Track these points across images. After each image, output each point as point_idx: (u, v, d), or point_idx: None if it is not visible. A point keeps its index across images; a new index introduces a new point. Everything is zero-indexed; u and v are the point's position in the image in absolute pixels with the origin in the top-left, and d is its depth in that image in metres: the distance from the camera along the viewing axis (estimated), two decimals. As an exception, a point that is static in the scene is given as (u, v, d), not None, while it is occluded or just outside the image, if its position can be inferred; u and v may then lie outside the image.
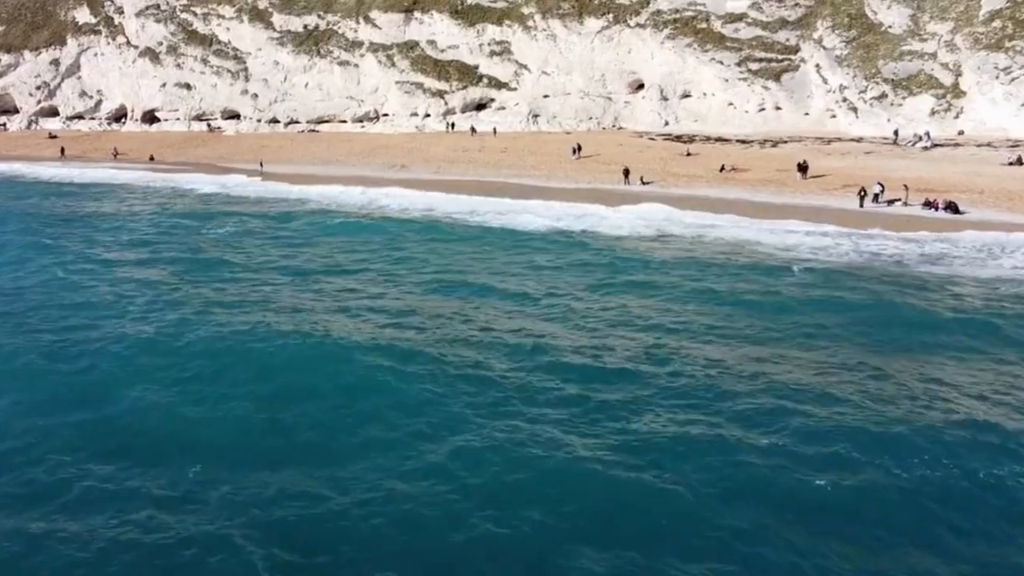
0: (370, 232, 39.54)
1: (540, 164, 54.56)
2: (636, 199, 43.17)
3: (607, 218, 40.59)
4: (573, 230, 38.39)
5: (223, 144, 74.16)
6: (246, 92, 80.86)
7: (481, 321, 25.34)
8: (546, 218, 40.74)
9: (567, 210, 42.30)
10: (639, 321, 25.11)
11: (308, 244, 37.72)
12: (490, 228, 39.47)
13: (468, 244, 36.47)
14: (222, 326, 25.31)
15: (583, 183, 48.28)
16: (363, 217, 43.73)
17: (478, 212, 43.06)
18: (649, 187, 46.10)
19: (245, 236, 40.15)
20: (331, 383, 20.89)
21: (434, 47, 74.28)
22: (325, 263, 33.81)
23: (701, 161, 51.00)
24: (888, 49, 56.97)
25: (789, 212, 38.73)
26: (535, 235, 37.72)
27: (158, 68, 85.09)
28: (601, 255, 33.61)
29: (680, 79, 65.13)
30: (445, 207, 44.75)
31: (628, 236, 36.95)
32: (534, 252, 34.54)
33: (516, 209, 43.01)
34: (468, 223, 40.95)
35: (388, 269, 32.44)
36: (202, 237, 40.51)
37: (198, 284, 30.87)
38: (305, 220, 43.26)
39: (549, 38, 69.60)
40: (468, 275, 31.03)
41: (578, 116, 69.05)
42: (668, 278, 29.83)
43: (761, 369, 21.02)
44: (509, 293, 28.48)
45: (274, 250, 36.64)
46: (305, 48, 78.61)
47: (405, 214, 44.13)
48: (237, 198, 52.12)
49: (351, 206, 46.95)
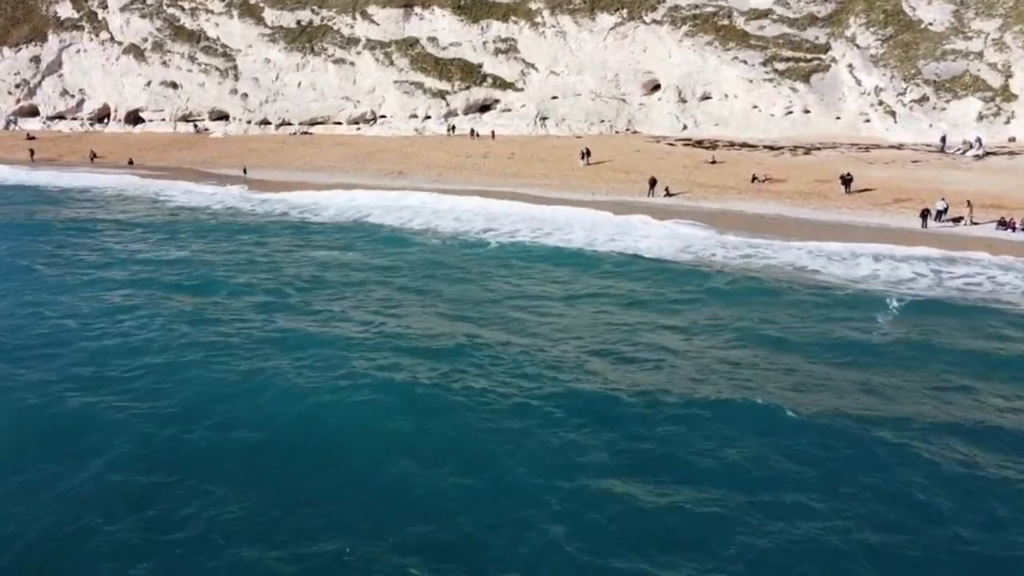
0: (368, 254, 34.78)
1: (551, 172, 49.95)
2: (663, 213, 38.46)
3: (641, 237, 35.51)
4: (606, 252, 33.56)
5: (209, 147, 69.49)
6: (235, 92, 76.24)
7: (553, 379, 20.72)
8: (571, 230, 36.26)
9: (593, 226, 37.54)
10: (726, 376, 20.56)
11: (289, 270, 32.27)
12: (506, 246, 34.90)
13: (490, 267, 31.79)
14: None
15: (601, 194, 43.62)
16: (353, 230, 38.80)
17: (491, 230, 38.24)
18: (675, 199, 41.44)
19: (206, 264, 33.82)
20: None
21: (435, 45, 69.78)
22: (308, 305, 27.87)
23: (729, 170, 46.42)
24: (929, 48, 52.45)
25: (842, 232, 33.99)
26: (555, 255, 33.21)
27: (143, 66, 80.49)
28: (647, 285, 28.88)
29: (700, 80, 60.60)
30: (446, 222, 40.27)
31: (669, 260, 31.95)
32: (567, 280, 29.92)
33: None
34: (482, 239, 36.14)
35: (404, 311, 26.83)
36: (144, 261, 34.43)
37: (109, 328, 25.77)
38: (287, 237, 38.27)
39: (558, 35, 65.06)
40: (507, 314, 26.18)
41: (589, 119, 64.52)
42: (738, 318, 24.76)
43: (897, 450, 16.63)
44: (556, 335, 23.77)
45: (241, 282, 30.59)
46: (298, 45, 74.08)
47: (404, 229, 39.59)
48: (212, 211, 46.62)
49: (340, 222, 41.90)
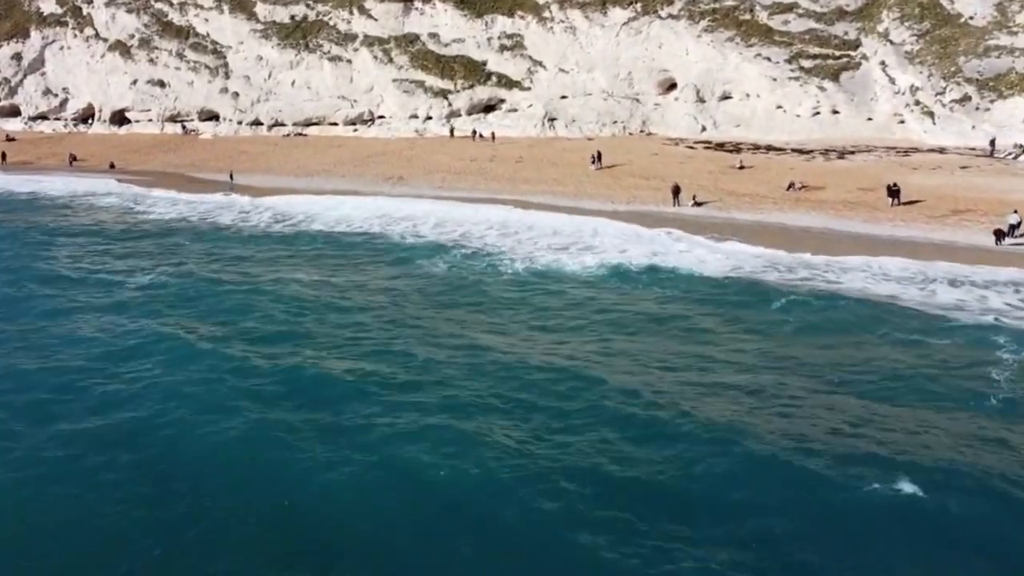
0: (369, 276, 30.66)
1: (564, 177, 46.12)
2: (696, 226, 34.51)
3: (679, 253, 31.27)
4: (648, 273, 29.01)
5: (197, 149, 65.58)
6: (225, 90, 72.34)
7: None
8: (600, 250, 32.06)
9: (624, 241, 33.36)
10: (865, 441, 16.78)
11: (270, 307, 26.81)
12: (532, 268, 30.67)
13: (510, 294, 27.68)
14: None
15: (622, 203, 39.71)
16: (350, 248, 34.45)
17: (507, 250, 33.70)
18: (704, 210, 37.58)
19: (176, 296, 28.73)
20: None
21: (437, 41, 65.95)
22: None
23: (759, 176, 42.63)
24: (970, 44, 48.70)
25: (902, 249, 29.98)
26: (594, 279, 28.72)
27: (129, 63, 76.57)
28: (712, 313, 24.70)
29: (719, 78, 56.82)
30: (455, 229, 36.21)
31: (725, 282, 27.46)
32: (613, 307, 25.66)
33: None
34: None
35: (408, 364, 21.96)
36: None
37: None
38: (271, 259, 33.49)
39: (568, 31, 61.26)
40: (559, 350, 21.83)
41: (601, 120, 60.72)
42: (836, 360, 20.70)
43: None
44: (630, 376, 19.64)
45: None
46: (292, 41, 70.22)
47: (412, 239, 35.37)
48: (190, 225, 41.79)
49: (334, 237, 37.30)
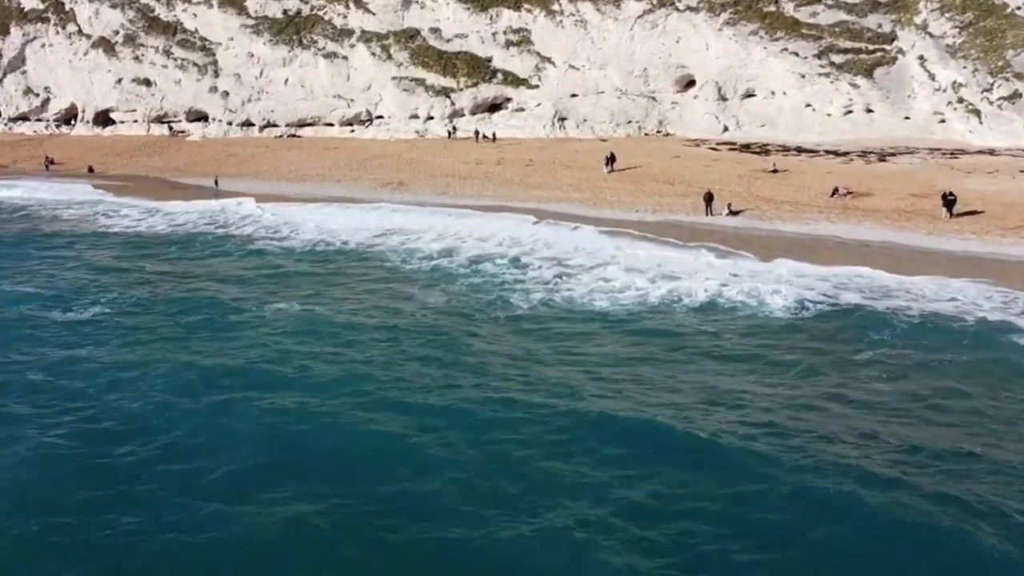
0: (367, 310, 26.41)
1: (580, 182, 42.25)
2: (738, 241, 30.59)
3: (737, 281, 26.26)
4: (722, 316, 23.75)
5: (183, 152, 61.69)
6: (215, 89, 68.40)
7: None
8: (634, 275, 27.50)
9: (659, 264, 28.66)
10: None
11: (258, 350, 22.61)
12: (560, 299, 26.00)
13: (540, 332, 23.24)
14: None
15: (647, 212, 35.78)
16: (339, 275, 30.07)
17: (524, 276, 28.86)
18: (742, 219, 33.69)
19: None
20: None
21: (438, 36, 62.08)
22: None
23: (795, 180, 38.82)
24: (1018, 36, 44.94)
25: (989, 270, 26.09)
26: (632, 318, 23.66)
27: (113, 61, 72.62)
28: (822, 357, 20.41)
29: (742, 74, 52.99)
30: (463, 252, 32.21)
31: (807, 313, 23.19)
32: (654, 359, 21.10)
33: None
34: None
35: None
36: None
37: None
38: (254, 282, 29.60)
39: (578, 24, 57.42)
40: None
41: (614, 119, 56.88)
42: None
43: None
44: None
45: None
46: (285, 37, 66.31)
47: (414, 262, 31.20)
48: (161, 240, 37.66)
49: (325, 255, 33.16)
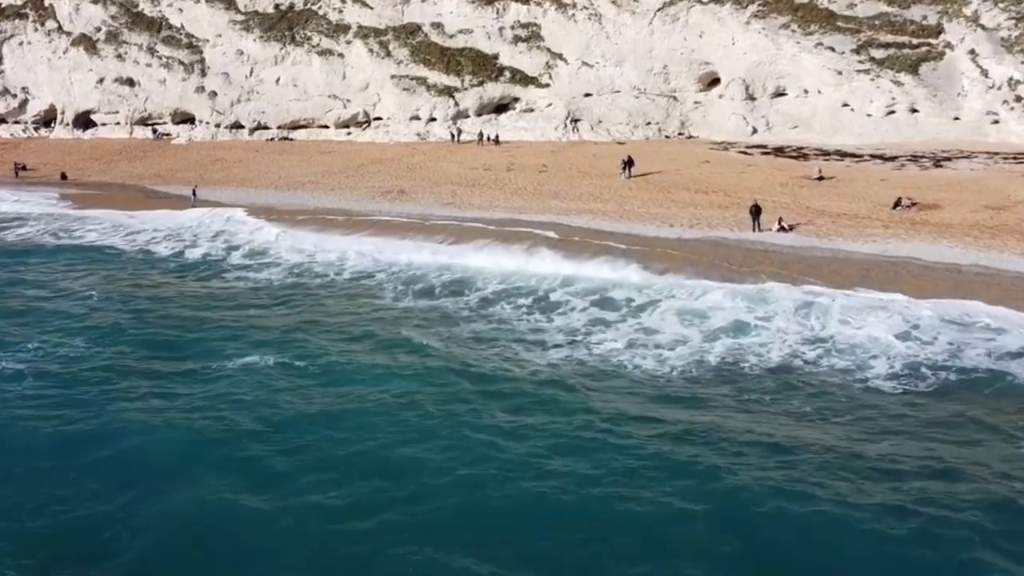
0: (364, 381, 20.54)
1: (600, 191, 37.95)
2: (802, 265, 26.11)
3: (839, 324, 21.52)
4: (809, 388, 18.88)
5: (167, 156, 57.34)
6: (202, 89, 64.10)
7: None
8: (685, 323, 22.63)
9: (713, 305, 23.81)
10: None
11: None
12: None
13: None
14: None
15: (684, 227, 31.21)
16: (314, 328, 23.87)
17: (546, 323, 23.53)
18: (796, 236, 29.24)
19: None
20: None
21: (441, 32, 57.89)
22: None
23: (845, 189, 34.59)
24: (1083, 28, 40.84)
25: None
26: (689, 388, 18.87)
27: (94, 59, 68.24)
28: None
29: (772, 71, 48.84)
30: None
31: (922, 392, 18.50)
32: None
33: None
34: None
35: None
36: None
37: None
38: (224, 322, 24.91)
39: (592, 18, 53.25)
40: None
41: (632, 121, 52.69)
42: None
43: None
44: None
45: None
46: (276, 34, 62.09)
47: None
48: (119, 262, 32.79)
49: (309, 290, 28.07)
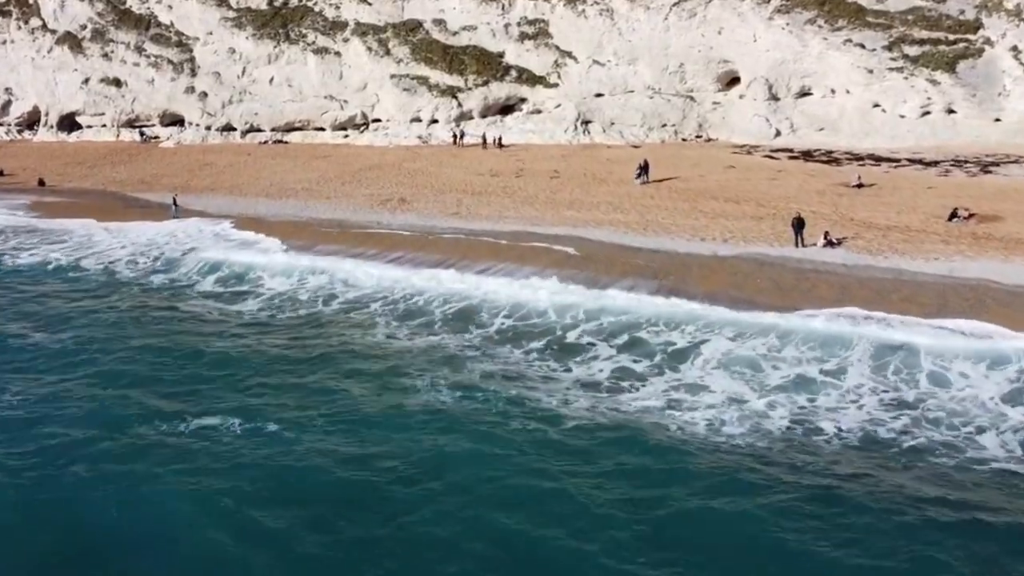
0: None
1: (621, 200, 34.87)
2: (858, 288, 23.12)
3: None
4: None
5: (153, 161, 54.29)
6: (192, 90, 61.03)
7: None
8: (734, 374, 19.17)
9: (772, 349, 20.40)
10: None
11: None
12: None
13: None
14: None
15: (718, 242, 28.13)
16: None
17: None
18: (846, 252, 26.24)
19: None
20: None
21: (443, 29, 54.87)
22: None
23: (890, 198, 31.58)
24: None
25: None
26: (747, 469, 15.29)
27: (80, 59, 65.24)
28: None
29: (796, 70, 45.86)
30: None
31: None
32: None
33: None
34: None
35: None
36: None
37: None
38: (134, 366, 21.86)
39: (603, 14, 50.25)
40: None
41: (646, 122, 49.67)
42: None
43: None
44: None
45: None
46: (270, 31, 59.03)
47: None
48: (83, 288, 29.02)
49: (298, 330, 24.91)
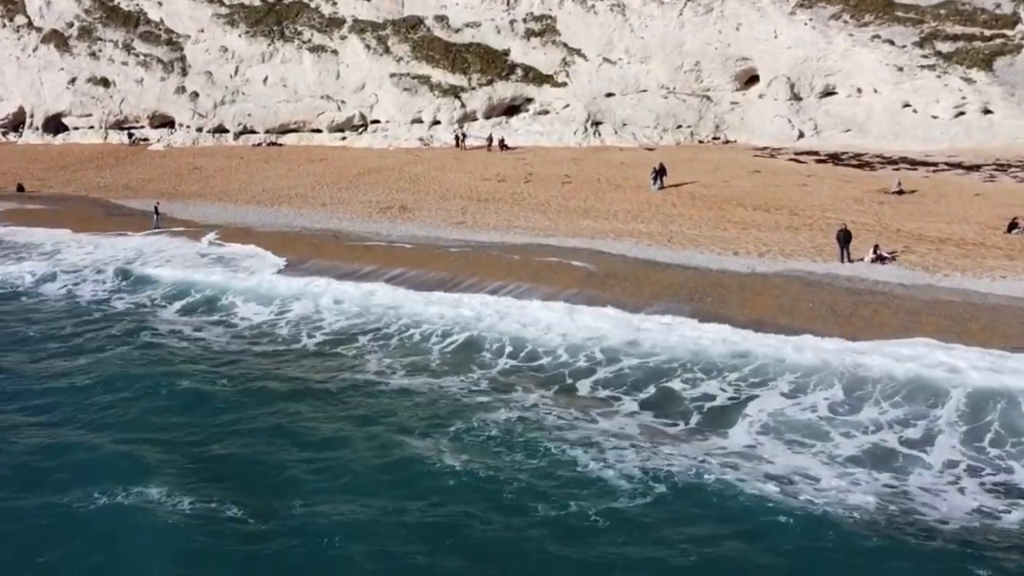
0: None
1: (640, 209, 32.29)
2: (928, 315, 20.48)
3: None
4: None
5: (140, 165, 51.77)
6: (182, 90, 58.50)
7: None
8: (804, 444, 15.75)
9: (836, 402, 16.98)
10: None
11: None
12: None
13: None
14: None
15: (753, 256, 25.51)
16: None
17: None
18: (897, 269, 23.70)
19: None
20: None
21: (445, 26, 52.37)
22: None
23: (937, 207, 29.11)
24: None
25: None
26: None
27: (66, 58, 62.80)
28: None
29: (820, 68, 43.36)
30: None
31: None
32: None
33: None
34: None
35: None
36: None
37: None
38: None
39: (614, 9, 47.73)
40: None
41: (660, 123, 47.15)
42: None
43: None
44: None
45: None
46: (264, 28, 56.54)
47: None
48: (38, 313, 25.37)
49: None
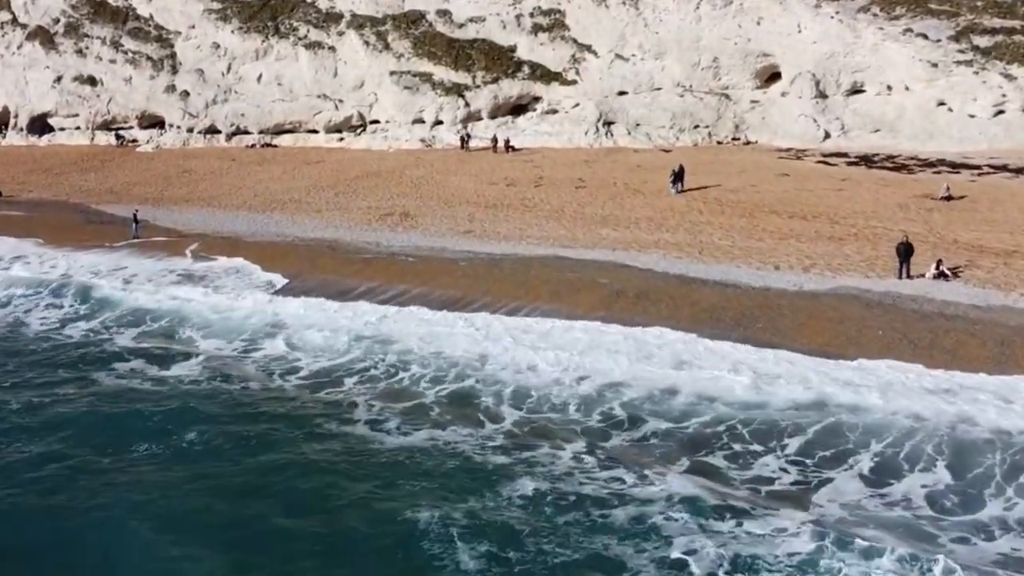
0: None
1: (664, 216, 29.78)
2: (1021, 343, 17.74)
3: None
4: None
5: (127, 167, 49.10)
6: (172, 89, 55.90)
7: None
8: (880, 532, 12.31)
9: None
10: None
11: None
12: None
13: None
14: None
15: (797, 271, 22.91)
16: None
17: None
18: (964, 287, 21.14)
19: None
20: None
21: (448, 21, 49.92)
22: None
23: (992, 215, 26.74)
24: None
25: None
26: None
27: (52, 55, 60.22)
28: None
29: (847, 64, 40.96)
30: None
31: None
32: None
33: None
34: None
35: None
36: None
37: None
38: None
39: (627, 3, 45.38)
40: None
41: (676, 123, 44.67)
42: None
43: None
44: None
45: None
46: (257, 24, 54.06)
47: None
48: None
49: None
